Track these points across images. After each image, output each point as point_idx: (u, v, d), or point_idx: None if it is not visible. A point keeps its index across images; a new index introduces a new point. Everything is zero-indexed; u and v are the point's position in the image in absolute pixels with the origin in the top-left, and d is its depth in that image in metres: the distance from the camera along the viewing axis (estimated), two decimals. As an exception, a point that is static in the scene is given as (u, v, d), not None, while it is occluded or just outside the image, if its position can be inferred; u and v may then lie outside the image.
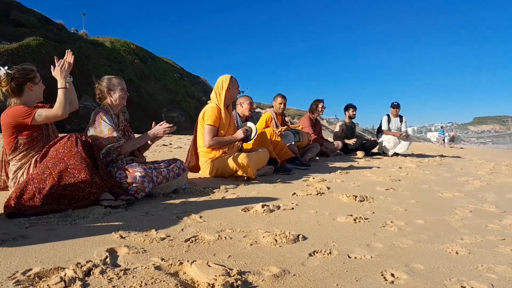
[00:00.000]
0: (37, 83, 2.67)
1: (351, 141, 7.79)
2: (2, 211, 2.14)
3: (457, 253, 1.79)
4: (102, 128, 2.82)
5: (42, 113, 2.52)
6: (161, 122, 3.09)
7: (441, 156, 9.44)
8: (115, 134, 2.85)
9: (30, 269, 1.38)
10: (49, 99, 2.73)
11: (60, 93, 2.57)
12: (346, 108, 8.19)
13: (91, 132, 2.83)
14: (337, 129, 8.28)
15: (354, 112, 8.15)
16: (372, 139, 8.88)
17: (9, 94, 2.59)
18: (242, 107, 4.76)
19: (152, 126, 3.12)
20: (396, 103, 8.35)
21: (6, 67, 2.58)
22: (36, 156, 2.52)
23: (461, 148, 21.72)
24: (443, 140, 26.92)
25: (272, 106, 6.27)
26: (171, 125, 3.06)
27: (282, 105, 6.10)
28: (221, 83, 3.99)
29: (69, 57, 2.76)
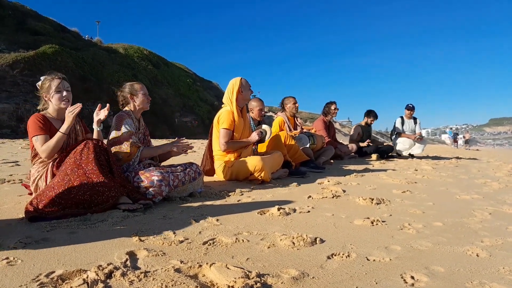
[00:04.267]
0: (51, 95, 2.64)
1: (364, 143, 7.72)
2: (24, 215, 2.18)
3: (477, 255, 1.77)
4: (122, 131, 2.88)
5: (37, 141, 2.54)
6: (183, 138, 3.17)
7: (457, 158, 9.31)
8: (133, 138, 2.91)
9: (53, 272, 1.41)
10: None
11: (55, 135, 2.55)
12: (368, 114, 8.09)
13: (112, 135, 2.88)
14: (352, 132, 8.24)
15: (372, 121, 8.11)
16: (386, 143, 8.82)
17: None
18: (253, 112, 4.79)
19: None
20: (411, 105, 8.27)
21: (42, 79, 2.70)
22: (52, 162, 2.57)
23: (477, 150, 21.39)
24: (455, 140, 26.99)
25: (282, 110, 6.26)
26: (190, 145, 3.14)
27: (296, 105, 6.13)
28: (232, 86, 4.01)
29: (105, 109, 2.82)
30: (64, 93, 2.67)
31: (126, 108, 3.07)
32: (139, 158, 2.94)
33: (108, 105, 2.81)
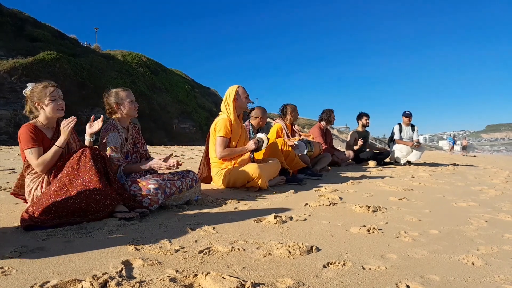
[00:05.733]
0: (45, 103, 2.57)
1: (357, 145, 7.66)
2: (19, 224, 2.18)
3: (473, 264, 1.77)
4: (106, 146, 2.86)
5: (31, 155, 2.48)
6: (167, 157, 2.93)
7: (454, 164, 9.33)
8: (113, 155, 2.86)
9: (48, 281, 1.40)
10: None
11: (51, 149, 2.52)
12: (359, 117, 8.12)
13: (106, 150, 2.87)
14: (349, 138, 8.24)
15: (367, 121, 8.08)
16: (383, 148, 8.84)
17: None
18: (257, 120, 4.84)
19: (165, 157, 2.95)
20: (408, 112, 8.30)
21: (30, 87, 2.60)
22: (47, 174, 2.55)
23: (474, 156, 21.45)
24: (452, 147, 27.09)
25: (281, 117, 6.29)
26: (171, 165, 2.85)
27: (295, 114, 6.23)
28: (229, 94, 4.05)
29: (98, 121, 2.78)
30: (60, 102, 2.62)
31: (114, 117, 3.02)
32: (121, 174, 2.87)
33: (102, 116, 2.79)
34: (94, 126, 2.79)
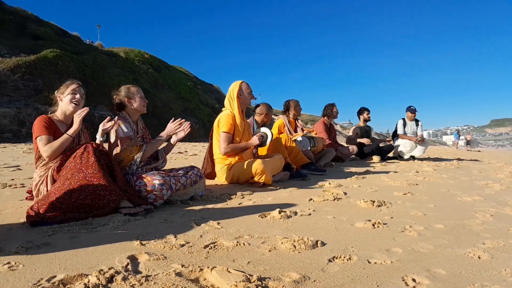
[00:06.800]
0: (65, 95, 2.72)
1: (365, 140, 7.68)
2: (25, 220, 2.19)
3: (479, 257, 1.76)
4: (120, 134, 2.88)
5: (41, 141, 2.56)
6: (172, 119, 3.12)
7: (459, 159, 9.30)
8: (133, 139, 2.92)
9: (55, 276, 1.41)
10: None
11: (61, 137, 2.59)
12: (360, 112, 8.13)
13: (112, 138, 2.89)
14: (351, 133, 8.23)
15: (369, 115, 8.09)
16: (388, 139, 8.82)
17: None
18: (261, 116, 4.86)
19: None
20: (413, 108, 8.26)
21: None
22: (53, 167, 2.57)
23: (479, 151, 21.38)
24: (457, 142, 27.08)
25: (284, 112, 6.29)
26: (181, 120, 3.08)
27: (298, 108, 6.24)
28: (232, 90, 4.04)
29: (113, 122, 2.82)
30: (77, 96, 2.74)
31: (123, 112, 3.06)
32: (143, 156, 2.94)
33: (116, 117, 2.85)
34: (107, 124, 2.83)
